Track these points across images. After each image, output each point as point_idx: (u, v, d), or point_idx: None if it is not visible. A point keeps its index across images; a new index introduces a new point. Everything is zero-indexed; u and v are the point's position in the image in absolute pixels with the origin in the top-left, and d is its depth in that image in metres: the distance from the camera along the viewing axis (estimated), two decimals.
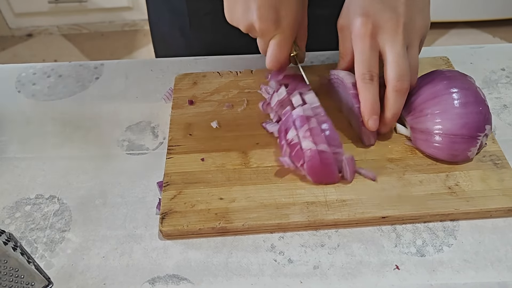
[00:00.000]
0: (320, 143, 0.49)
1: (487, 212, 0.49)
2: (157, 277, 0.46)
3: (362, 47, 0.50)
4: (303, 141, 0.50)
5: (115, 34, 2.28)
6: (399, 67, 0.50)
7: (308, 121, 0.51)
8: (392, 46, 0.50)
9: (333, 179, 0.51)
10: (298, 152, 0.50)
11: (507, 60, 0.68)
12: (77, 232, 0.50)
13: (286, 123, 0.53)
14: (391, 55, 0.50)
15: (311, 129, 0.50)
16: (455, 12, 2.13)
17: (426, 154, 0.53)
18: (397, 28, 0.50)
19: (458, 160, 0.52)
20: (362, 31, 0.50)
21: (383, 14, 0.50)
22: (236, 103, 0.61)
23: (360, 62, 0.51)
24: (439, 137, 0.51)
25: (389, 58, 0.50)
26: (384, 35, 0.50)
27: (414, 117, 0.54)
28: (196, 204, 0.50)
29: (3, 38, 2.26)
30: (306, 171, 0.50)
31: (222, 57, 0.70)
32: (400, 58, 0.50)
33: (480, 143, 0.51)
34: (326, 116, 0.52)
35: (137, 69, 0.69)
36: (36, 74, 0.69)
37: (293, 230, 0.49)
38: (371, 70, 0.50)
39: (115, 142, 0.59)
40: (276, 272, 0.46)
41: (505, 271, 0.45)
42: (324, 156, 0.49)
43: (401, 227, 0.49)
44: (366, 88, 0.51)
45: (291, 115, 0.52)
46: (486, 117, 0.51)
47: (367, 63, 0.50)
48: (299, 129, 0.50)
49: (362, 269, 0.46)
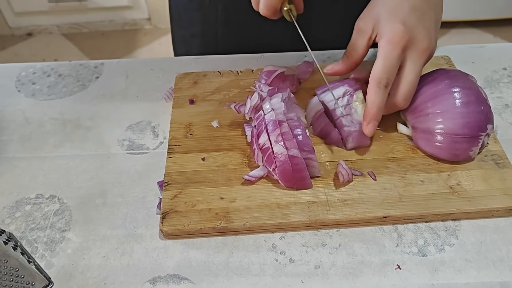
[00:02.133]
0: (292, 148, 0.49)
1: (489, 211, 0.49)
2: (158, 277, 0.46)
3: (390, 54, 0.50)
4: (274, 146, 0.50)
5: (115, 33, 2.28)
6: (412, 89, 0.52)
7: (280, 126, 0.50)
8: (414, 65, 0.51)
9: (305, 185, 0.50)
10: (270, 157, 0.50)
11: (509, 60, 0.68)
12: (78, 232, 0.50)
13: (259, 127, 0.52)
14: (410, 73, 0.51)
15: (283, 134, 0.50)
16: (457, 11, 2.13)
17: (427, 153, 0.53)
18: (426, 51, 0.51)
19: (460, 159, 0.52)
20: (397, 39, 0.50)
21: (420, 31, 0.51)
22: None
23: (382, 66, 0.51)
24: (441, 137, 0.51)
25: (407, 76, 0.51)
26: (413, 52, 0.51)
27: (415, 117, 0.53)
28: (196, 203, 0.49)
29: (3, 37, 2.26)
30: (278, 176, 0.50)
31: (222, 56, 0.69)
32: (415, 79, 0.52)
33: (482, 143, 0.51)
34: (300, 121, 0.52)
35: (137, 68, 0.69)
36: (36, 74, 0.69)
37: (294, 230, 0.49)
38: (389, 78, 0.51)
39: (115, 142, 0.59)
40: (277, 272, 0.46)
41: (507, 271, 0.45)
42: (295, 161, 0.49)
43: (403, 227, 0.49)
44: (378, 93, 0.51)
45: (264, 119, 0.52)
46: (487, 117, 0.51)
47: (388, 70, 0.50)
48: (271, 133, 0.50)
49: (364, 269, 0.46)
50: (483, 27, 2.18)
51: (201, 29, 0.77)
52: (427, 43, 0.51)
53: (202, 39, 0.78)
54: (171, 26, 0.85)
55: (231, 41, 0.76)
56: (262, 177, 0.51)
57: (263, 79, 0.60)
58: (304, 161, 0.49)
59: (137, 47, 2.20)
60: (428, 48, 0.51)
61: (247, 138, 0.55)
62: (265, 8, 0.53)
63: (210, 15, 0.74)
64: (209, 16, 0.74)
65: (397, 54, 0.50)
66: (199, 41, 0.79)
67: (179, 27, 0.81)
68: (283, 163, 0.49)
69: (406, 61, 0.51)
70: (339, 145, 0.55)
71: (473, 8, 2.11)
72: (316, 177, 0.51)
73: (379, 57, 0.51)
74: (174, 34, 0.85)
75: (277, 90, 0.56)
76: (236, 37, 0.75)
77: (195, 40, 0.79)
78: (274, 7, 0.53)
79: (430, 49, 0.52)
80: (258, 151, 0.51)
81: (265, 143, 0.50)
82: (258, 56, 0.69)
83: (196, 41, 0.79)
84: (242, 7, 0.54)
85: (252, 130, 0.53)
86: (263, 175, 0.51)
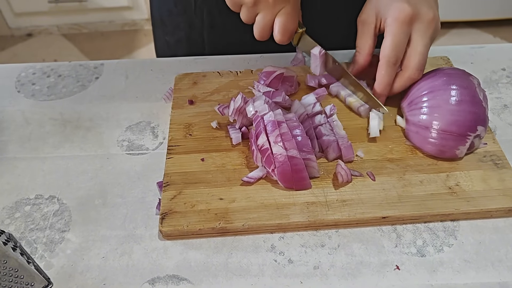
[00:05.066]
0: (291, 148, 0.49)
1: (488, 212, 0.49)
2: (157, 278, 0.46)
3: (398, 30, 0.53)
4: (273, 146, 0.50)
5: (115, 33, 2.28)
6: (423, 59, 0.54)
7: (279, 126, 0.50)
8: (422, 37, 0.53)
9: (304, 185, 0.50)
10: (269, 158, 0.50)
11: (508, 60, 0.68)
12: (77, 233, 0.50)
13: (257, 128, 0.52)
14: (419, 45, 0.53)
15: (282, 134, 0.50)
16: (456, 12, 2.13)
17: (416, 146, 0.54)
18: (431, 22, 0.53)
19: (446, 156, 0.52)
20: (402, 16, 0.52)
21: (423, 6, 0.53)
22: None
23: (391, 44, 0.53)
24: (429, 131, 0.51)
25: (417, 47, 0.53)
26: (419, 25, 0.53)
27: (410, 109, 0.54)
28: (196, 204, 0.50)
29: (2, 38, 2.26)
30: (277, 176, 0.50)
31: (222, 56, 0.70)
32: (426, 50, 0.54)
33: (471, 144, 0.51)
34: (298, 121, 0.52)
35: (137, 69, 0.69)
36: (35, 74, 0.69)
37: (293, 230, 0.49)
38: (398, 56, 0.53)
39: (115, 142, 0.59)
40: (276, 272, 0.46)
41: (506, 271, 0.45)
42: (295, 162, 0.49)
43: (402, 227, 0.49)
44: (387, 71, 0.54)
45: (262, 120, 0.52)
46: (480, 118, 0.51)
47: (397, 47, 0.53)
48: (270, 134, 0.50)
49: (363, 269, 0.46)
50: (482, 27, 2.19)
51: (187, 34, 0.76)
52: (432, 15, 0.53)
53: (187, 43, 0.77)
54: (154, 32, 0.84)
55: (217, 45, 0.75)
56: (261, 178, 0.51)
57: (262, 80, 0.60)
58: (303, 162, 0.49)
59: (136, 47, 2.20)
60: (433, 20, 0.53)
61: (232, 140, 0.55)
62: (281, 34, 0.55)
63: (195, 19, 0.73)
64: (194, 20, 0.74)
65: (404, 30, 0.53)
66: (185, 46, 0.77)
67: (162, 32, 0.80)
68: (282, 163, 0.49)
69: (414, 34, 0.53)
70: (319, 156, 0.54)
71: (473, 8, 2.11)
72: (315, 178, 0.51)
73: (387, 35, 0.53)
74: (156, 40, 0.84)
75: (272, 93, 0.56)
76: (222, 41, 0.74)
77: (180, 46, 0.78)
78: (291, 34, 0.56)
79: (435, 20, 0.54)
80: (257, 152, 0.51)
81: (264, 144, 0.50)
82: (257, 56, 0.69)
83: (181, 46, 0.78)
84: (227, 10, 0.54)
85: (251, 131, 0.53)
86: (262, 176, 0.51)
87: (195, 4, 0.72)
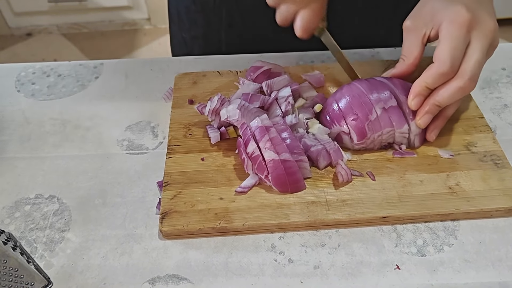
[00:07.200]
0: (283, 152, 0.49)
1: (488, 212, 0.49)
2: (157, 277, 0.46)
3: (456, 33, 0.48)
4: (265, 152, 0.49)
5: (115, 33, 2.28)
6: (479, 69, 0.49)
7: (268, 131, 0.50)
8: (481, 44, 0.49)
9: (299, 187, 0.50)
10: (261, 164, 0.49)
11: (508, 60, 0.68)
12: (77, 232, 0.50)
13: (245, 136, 0.51)
14: (477, 53, 0.48)
15: (271, 139, 0.49)
16: None
17: None
18: (491, 32, 0.49)
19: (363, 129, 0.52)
20: (461, 19, 0.48)
21: (483, 13, 0.49)
22: None
23: (448, 47, 0.48)
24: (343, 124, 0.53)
25: (473, 55, 0.48)
26: (478, 33, 0.49)
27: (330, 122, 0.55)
28: (196, 204, 0.49)
29: (2, 37, 2.26)
30: (271, 182, 0.50)
31: (222, 56, 0.70)
32: (482, 59, 0.49)
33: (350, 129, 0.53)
34: (286, 124, 0.52)
35: (137, 68, 0.69)
36: (35, 74, 0.69)
37: (293, 230, 0.49)
38: (454, 62, 0.48)
39: (114, 142, 0.59)
40: (276, 272, 0.46)
41: (506, 271, 0.45)
42: (288, 165, 0.49)
43: (402, 227, 0.49)
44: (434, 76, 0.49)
45: (249, 127, 0.51)
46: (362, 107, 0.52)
47: (454, 51, 0.48)
48: (260, 140, 0.50)
49: (363, 269, 0.46)
50: None
51: (204, 32, 0.76)
52: (493, 24, 0.49)
53: (204, 41, 0.77)
54: (170, 28, 0.84)
55: (234, 44, 0.75)
56: (255, 185, 0.51)
57: (249, 75, 0.60)
58: (296, 164, 0.49)
59: (136, 47, 2.20)
60: (494, 30, 0.49)
61: (210, 140, 0.55)
62: (303, 30, 0.54)
63: (213, 17, 0.73)
64: (212, 18, 0.74)
65: (462, 34, 0.48)
66: (201, 44, 0.78)
67: (179, 29, 0.80)
68: (276, 168, 0.49)
69: (472, 40, 0.49)
70: None
71: None
72: (315, 178, 0.51)
73: (443, 39, 0.49)
74: (173, 36, 0.84)
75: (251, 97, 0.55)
76: (240, 40, 0.74)
77: (196, 43, 0.78)
78: (312, 31, 0.55)
79: (495, 31, 0.50)
80: (248, 160, 0.51)
81: (254, 151, 0.50)
82: (257, 56, 0.69)
83: (198, 43, 0.78)
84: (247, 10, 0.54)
85: (238, 140, 0.52)
86: (255, 183, 0.51)
87: (214, 3, 0.72)
